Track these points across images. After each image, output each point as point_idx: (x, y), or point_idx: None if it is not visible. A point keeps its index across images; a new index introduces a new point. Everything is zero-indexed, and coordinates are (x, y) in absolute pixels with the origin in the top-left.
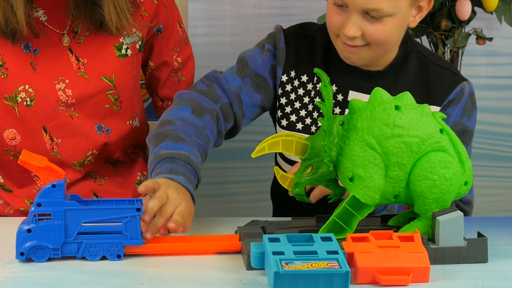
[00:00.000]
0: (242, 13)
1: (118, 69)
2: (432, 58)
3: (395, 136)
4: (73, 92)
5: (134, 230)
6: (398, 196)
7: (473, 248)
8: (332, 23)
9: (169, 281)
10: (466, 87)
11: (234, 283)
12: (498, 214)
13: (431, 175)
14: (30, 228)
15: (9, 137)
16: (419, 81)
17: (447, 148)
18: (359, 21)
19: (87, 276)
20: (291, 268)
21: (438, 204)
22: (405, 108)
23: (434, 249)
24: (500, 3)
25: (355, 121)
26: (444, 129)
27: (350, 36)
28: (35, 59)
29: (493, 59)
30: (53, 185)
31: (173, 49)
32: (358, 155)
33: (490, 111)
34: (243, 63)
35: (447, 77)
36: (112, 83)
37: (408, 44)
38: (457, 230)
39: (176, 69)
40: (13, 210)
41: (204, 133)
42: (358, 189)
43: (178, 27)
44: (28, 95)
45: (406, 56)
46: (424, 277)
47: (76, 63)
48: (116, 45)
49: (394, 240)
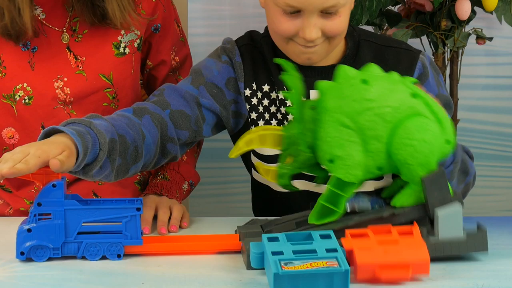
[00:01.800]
0: (242, 13)
1: (116, 68)
2: (381, 41)
3: (366, 110)
4: (71, 90)
5: (134, 230)
6: (382, 168)
7: (473, 239)
8: (285, 30)
9: (169, 281)
10: (424, 59)
11: (234, 283)
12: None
13: (410, 141)
14: (30, 227)
15: (7, 135)
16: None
17: (422, 112)
18: (317, 21)
19: (87, 275)
20: (290, 269)
21: (424, 167)
22: (372, 80)
23: (433, 242)
24: (500, 3)
25: (325, 102)
26: (415, 93)
27: (313, 38)
28: (33, 57)
29: (493, 59)
30: (53, 184)
31: (171, 48)
32: (333, 136)
33: (490, 111)
34: (197, 73)
35: (403, 55)
36: (110, 81)
37: (353, 34)
38: (456, 221)
39: (174, 68)
40: (13, 210)
41: (139, 128)
42: (339, 169)
43: (175, 26)
44: (26, 93)
45: (357, 47)
46: (424, 270)
47: (74, 61)
48: (114, 43)
49: (393, 234)
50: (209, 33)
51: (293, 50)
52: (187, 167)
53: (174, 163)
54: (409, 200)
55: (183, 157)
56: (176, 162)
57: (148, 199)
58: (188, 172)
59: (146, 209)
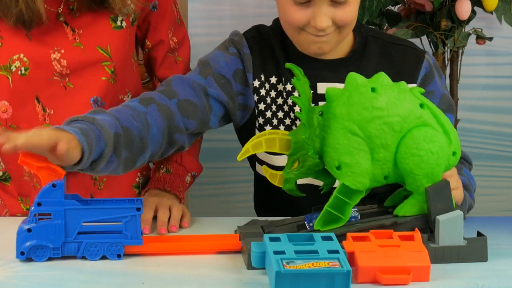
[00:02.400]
0: (242, 13)
1: (114, 41)
2: (388, 39)
3: (375, 119)
4: (68, 62)
5: (134, 230)
6: (388, 177)
7: (473, 247)
8: (296, 20)
9: (169, 281)
10: (429, 59)
11: (234, 283)
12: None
13: (418, 151)
14: (30, 227)
15: (1, 109)
16: (385, 63)
17: (430, 122)
18: (327, 10)
19: (87, 275)
20: (292, 268)
21: (429, 178)
22: (382, 88)
23: (434, 248)
24: (500, 3)
25: (334, 109)
26: (424, 103)
27: (324, 27)
28: (30, 30)
29: (493, 59)
30: (53, 184)
31: (168, 27)
32: (341, 143)
33: (490, 111)
34: (204, 64)
35: (410, 53)
36: (108, 54)
37: (361, 30)
38: (457, 229)
39: (173, 48)
40: (9, 214)
41: (144, 118)
42: (346, 177)
43: (173, 7)
44: (22, 64)
45: (365, 42)
46: (424, 276)
47: (71, 34)
48: (112, 16)
49: (395, 239)
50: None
51: (305, 40)
52: (190, 159)
53: (177, 155)
54: (412, 210)
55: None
56: (179, 153)
57: (148, 200)
58: (191, 164)
59: (146, 209)
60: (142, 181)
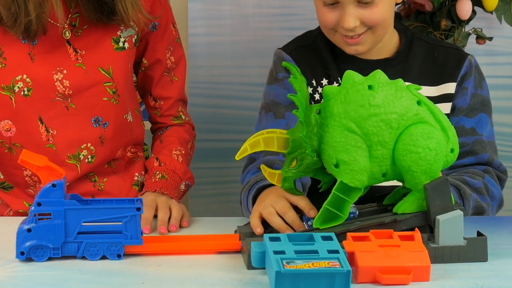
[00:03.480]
0: (242, 13)
1: (116, 62)
2: (433, 41)
3: (372, 116)
4: (70, 83)
5: (134, 230)
6: (386, 174)
7: (473, 247)
8: (327, 21)
9: (169, 280)
10: (472, 60)
11: (234, 283)
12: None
13: (415, 148)
14: (30, 227)
15: (4, 128)
16: (429, 64)
17: (427, 119)
18: (354, 11)
19: (87, 275)
20: (292, 268)
21: (427, 175)
22: (378, 86)
23: (434, 248)
24: (500, 3)
25: (331, 107)
26: (421, 100)
27: (351, 27)
28: (33, 49)
29: (493, 59)
30: (53, 184)
31: (167, 47)
32: (339, 140)
33: None
34: (273, 105)
35: (453, 53)
36: (110, 75)
37: (407, 32)
38: (457, 229)
39: (169, 68)
40: (12, 212)
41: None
42: (344, 174)
43: (171, 27)
44: (25, 85)
45: (410, 43)
46: (424, 276)
47: (74, 54)
48: (114, 38)
49: (395, 239)
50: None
51: (340, 41)
52: (184, 168)
53: (171, 164)
54: (411, 207)
55: (179, 158)
56: (173, 162)
57: (147, 199)
58: (185, 174)
59: (146, 208)
60: (141, 179)
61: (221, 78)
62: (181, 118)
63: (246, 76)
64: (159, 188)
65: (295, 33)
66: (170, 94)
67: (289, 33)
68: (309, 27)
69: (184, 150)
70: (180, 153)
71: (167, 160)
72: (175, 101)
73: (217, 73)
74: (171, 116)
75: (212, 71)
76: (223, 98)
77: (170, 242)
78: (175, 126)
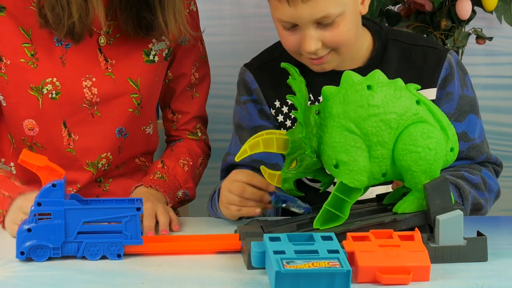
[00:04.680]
0: (242, 13)
1: (144, 74)
2: (409, 40)
3: (371, 116)
4: (98, 91)
5: (134, 230)
6: (386, 174)
7: (473, 247)
8: (290, 45)
9: (169, 280)
10: (452, 59)
11: (234, 283)
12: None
13: (415, 147)
14: (30, 227)
15: (28, 127)
16: (405, 68)
17: (426, 119)
18: (314, 33)
19: (87, 275)
20: (292, 267)
21: (427, 175)
22: (377, 86)
23: (434, 248)
24: (500, 3)
25: (330, 107)
26: (420, 100)
27: (312, 50)
28: (65, 53)
29: (493, 59)
30: (53, 184)
31: (193, 62)
32: (338, 141)
33: (490, 111)
34: (238, 128)
35: (430, 54)
36: (137, 87)
37: (381, 34)
38: (457, 229)
39: (192, 84)
40: None
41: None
42: (344, 175)
43: (200, 44)
44: (54, 88)
45: (384, 47)
46: (424, 276)
47: (104, 63)
48: (145, 50)
49: (395, 239)
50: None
51: (306, 62)
52: (186, 177)
53: (174, 169)
54: (411, 207)
55: (184, 167)
56: (176, 168)
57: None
58: (186, 182)
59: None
60: None
61: (221, 78)
62: (197, 135)
63: None
64: (154, 185)
65: None
66: (188, 109)
67: None
68: None
69: (192, 162)
70: (187, 163)
71: (171, 164)
72: (193, 117)
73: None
74: (187, 130)
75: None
76: (223, 98)
77: (170, 242)
78: (189, 140)
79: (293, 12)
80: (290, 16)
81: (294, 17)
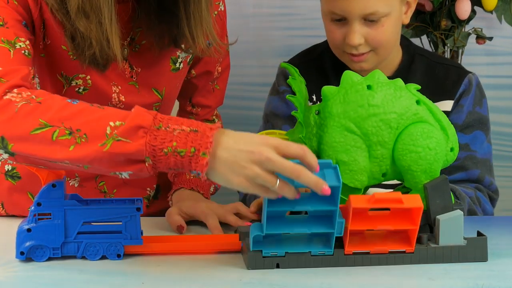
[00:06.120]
0: (242, 13)
1: (170, 83)
2: (434, 58)
3: (371, 116)
4: (125, 99)
5: (134, 230)
6: (386, 174)
7: (473, 247)
8: (335, 38)
9: (169, 281)
10: (472, 78)
11: (234, 283)
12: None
13: (415, 147)
14: (30, 227)
15: None
16: (428, 81)
17: (426, 118)
18: (360, 28)
19: (87, 275)
20: None
21: (427, 175)
22: (377, 86)
23: (434, 248)
24: (499, 3)
25: (330, 107)
26: (420, 100)
27: (355, 44)
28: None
29: (493, 59)
30: (53, 184)
31: (218, 60)
32: (338, 141)
33: (490, 111)
34: (272, 116)
35: (453, 72)
36: (161, 96)
37: (409, 48)
38: (457, 229)
39: (215, 78)
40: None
41: None
42: (344, 175)
43: (226, 39)
44: (84, 84)
45: (411, 60)
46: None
47: (129, 71)
48: (173, 58)
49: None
50: None
51: (346, 59)
52: None
53: None
54: None
55: None
56: None
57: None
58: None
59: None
60: (152, 194)
61: None
62: (214, 122)
63: (246, 76)
64: (195, 186)
65: (295, 33)
66: (210, 103)
67: (289, 33)
68: (309, 27)
69: None
70: None
71: None
72: (212, 109)
73: None
74: (205, 119)
75: None
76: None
77: (170, 242)
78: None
79: (345, 4)
80: (341, 9)
81: (345, 10)
